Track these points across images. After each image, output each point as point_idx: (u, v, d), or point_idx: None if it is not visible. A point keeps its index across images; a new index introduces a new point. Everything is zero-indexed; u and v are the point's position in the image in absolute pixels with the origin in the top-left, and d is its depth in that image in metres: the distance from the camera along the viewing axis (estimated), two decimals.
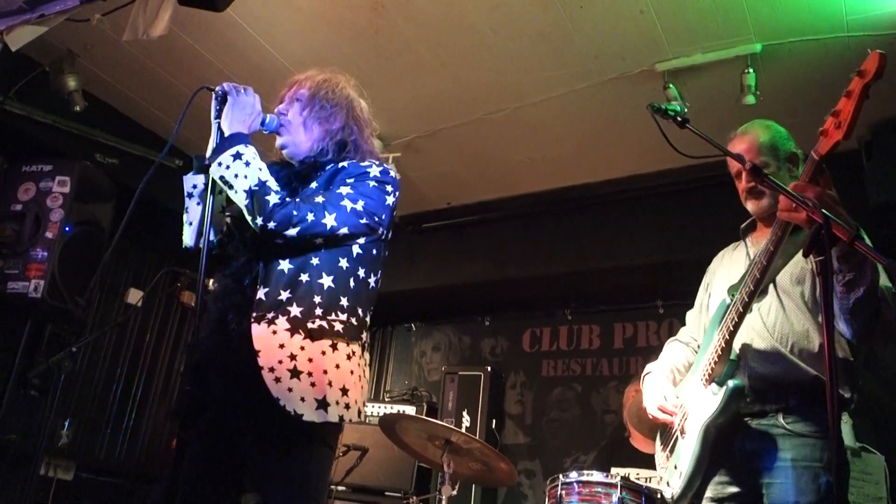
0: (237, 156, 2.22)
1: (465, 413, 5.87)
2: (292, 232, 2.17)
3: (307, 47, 4.44)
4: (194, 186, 2.40)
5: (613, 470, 3.99)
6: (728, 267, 2.74)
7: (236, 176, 2.20)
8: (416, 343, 7.14)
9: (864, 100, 1.94)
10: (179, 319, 6.07)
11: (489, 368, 6.07)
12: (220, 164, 2.22)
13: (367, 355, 2.35)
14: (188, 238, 2.39)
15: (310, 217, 2.19)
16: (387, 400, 6.62)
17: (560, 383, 6.22)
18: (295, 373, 2.09)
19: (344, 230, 2.25)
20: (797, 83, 4.31)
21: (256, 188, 2.19)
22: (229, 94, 2.35)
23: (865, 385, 4.47)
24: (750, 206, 2.62)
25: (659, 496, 3.13)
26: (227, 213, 2.46)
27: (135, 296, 5.57)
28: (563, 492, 3.32)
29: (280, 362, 2.09)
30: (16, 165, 4.30)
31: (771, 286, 2.47)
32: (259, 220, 2.17)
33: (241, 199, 2.20)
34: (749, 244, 2.69)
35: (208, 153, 2.32)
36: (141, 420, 5.71)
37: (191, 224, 2.39)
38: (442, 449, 3.75)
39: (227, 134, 2.29)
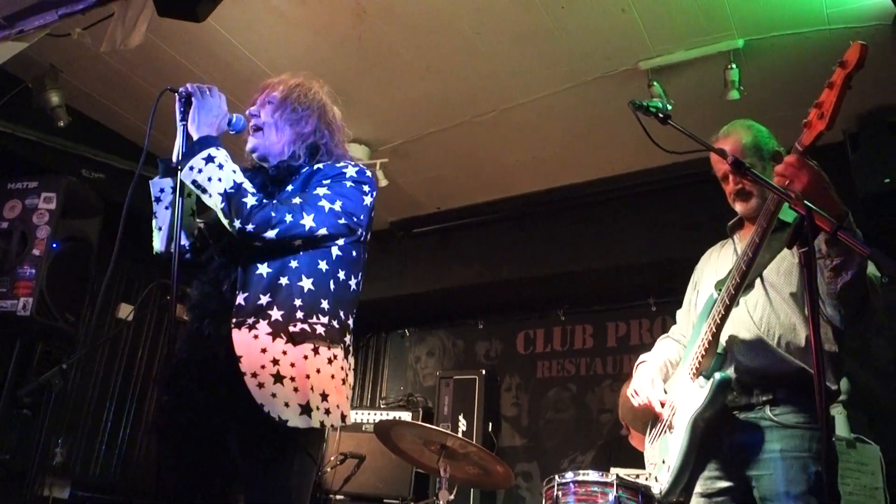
0: (209, 159, 2.19)
1: (461, 417, 5.85)
2: (271, 234, 2.14)
3: (291, 55, 4.44)
4: (161, 191, 2.36)
5: (612, 471, 3.98)
6: (716, 264, 2.74)
7: (210, 179, 2.16)
8: (410, 349, 7.12)
9: (847, 90, 1.95)
10: (172, 333, 6.03)
11: (484, 372, 6.06)
12: (191, 168, 2.18)
13: (350, 359, 2.31)
14: (158, 244, 2.35)
15: (288, 218, 2.16)
16: (382, 406, 6.61)
17: (555, 384, 6.22)
18: (278, 378, 2.06)
19: (323, 231, 2.22)
20: (780, 77, 4.32)
21: (232, 191, 2.15)
22: (193, 95, 2.33)
23: (859, 377, 4.49)
24: (738, 207, 2.61)
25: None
26: (198, 218, 2.43)
27: (125, 310, 5.54)
28: (560, 492, 3.32)
29: (263, 367, 2.05)
30: (0, 183, 4.28)
31: (758, 280, 2.48)
32: (237, 223, 2.13)
33: (216, 203, 2.16)
34: (737, 241, 2.69)
35: (174, 156, 2.29)
36: (136, 436, 5.68)
37: (160, 229, 2.34)
38: (438, 454, 3.75)
39: (195, 137, 2.26)
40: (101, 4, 3.60)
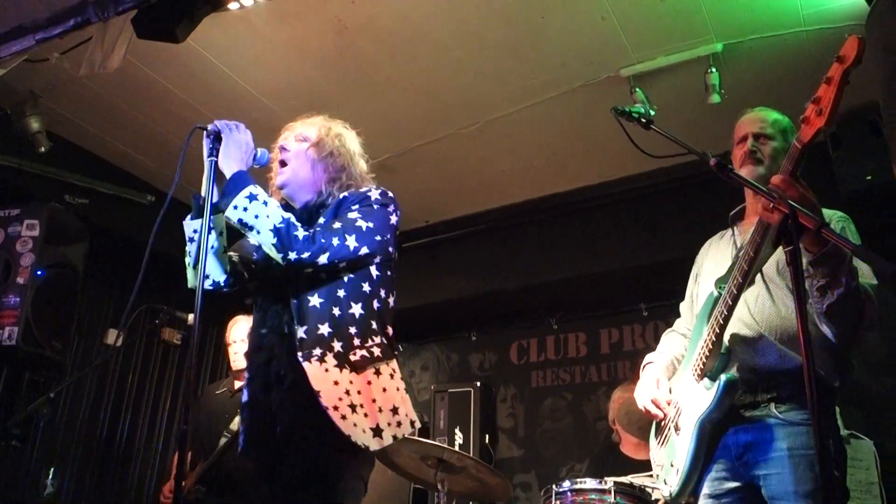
0: (252, 197, 2.25)
1: (457, 430, 5.82)
2: (323, 259, 2.25)
3: (272, 73, 4.43)
4: (195, 231, 2.39)
5: (607, 479, 3.97)
6: (715, 256, 2.73)
7: (257, 217, 2.23)
8: (404, 363, 7.08)
9: (845, 85, 1.95)
10: (161, 357, 5.98)
11: (478, 384, 6.04)
12: (235, 207, 2.24)
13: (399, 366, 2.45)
14: (193, 279, 2.38)
15: (335, 242, 2.27)
16: None
17: (550, 393, 6.20)
18: (353, 407, 2.17)
19: (365, 249, 2.33)
20: (760, 79, 4.35)
21: (283, 226, 2.23)
22: (222, 131, 2.38)
23: (852, 372, 4.49)
24: (746, 171, 2.57)
25: (653, 497, 3.10)
26: (231, 254, 2.51)
27: (113, 336, 5.49)
28: (558, 502, 3.30)
29: (340, 399, 2.16)
30: None
31: (759, 276, 2.46)
32: (291, 255, 2.22)
33: (267, 239, 2.23)
34: (737, 232, 2.68)
35: (203, 191, 2.32)
36: (128, 464, 5.61)
37: (194, 267, 2.37)
38: (436, 468, 3.73)
39: (227, 173, 2.31)
40: (79, 28, 3.58)
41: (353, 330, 2.28)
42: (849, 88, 1.94)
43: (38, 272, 4.07)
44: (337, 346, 2.23)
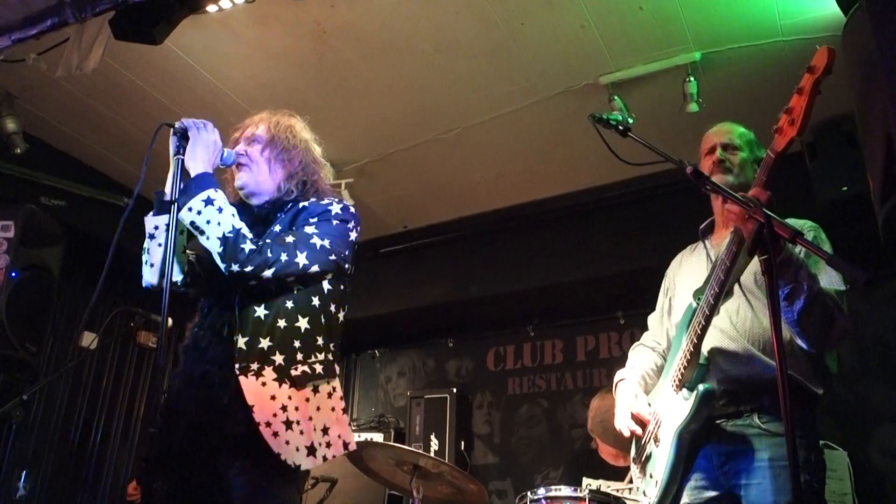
0: (208, 201, 2.21)
1: (432, 436, 5.82)
2: (268, 273, 2.19)
3: (251, 76, 4.42)
4: (156, 227, 2.36)
5: (584, 481, 3.97)
6: (688, 269, 2.75)
7: (209, 222, 2.18)
8: (380, 369, 7.07)
9: (816, 95, 1.98)
10: (137, 360, 5.94)
11: (455, 390, 6.03)
12: (190, 209, 2.19)
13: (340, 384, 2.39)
14: (150, 278, 2.36)
15: (283, 257, 2.21)
16: (353, 428, 6.54)
17: (526, 400, 6.21)
18: (288, 424, 2.12)
19: (315, 268, 2.28)
20: (738, 89, 4.39)
21: (231, 235, 2.18)
22: (189, 130, 2.34)
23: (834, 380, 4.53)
24: (716, 177, 2.60)
25: None
26: (189, 253, 2.45)
27: (88, 339, 5.44)
28: None
29: (274, 415, 2.10)
30: None
31: (736, 286, 2.48)
32: (235, 267, 2.17)
33: (213, 246, 2.18)
34: (709, 246, 2.70)
35: (167, 189, 2.29)
36: (102, 467, 5.56)
37: (152, 266, 2.35)
38: (411, 474, 3.72)
39: (191, 173, 2.27)
40: (56, 29, 3.55)
41: (297, 344, 2.24)
42: (824, 99, 1.97)
43: (13, 274, 4.04)
44: (278, 359, 2.19)
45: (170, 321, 4.17)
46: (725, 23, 3.93)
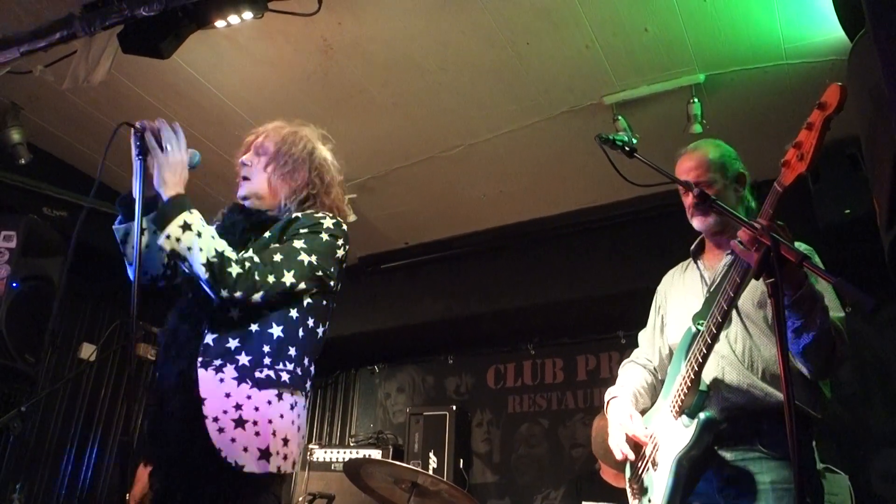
0: (185, 227, 2.12)
1: (431, 454, 5.79)
2: (257, 297, 2.14)
3: (257, 91, 4.43)
4: (126, 234, 2.34)
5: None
6: (682, 289, 2.75)
7: (189, 249, 2.10)
8: (380, 385, 7.06)
9: (826, 132, 1.94)
10: (135, 373, 5.92)
11: (454, 407, 6.01)
12: (168, 236, 2.11)
13: (307, 403, 2.33)
14: (131, 275, 2.32)
15: (271, 280, 2.16)
16: (352, 444, 6.52)
17: (527, 419, 6.19)
18: (240, 422, 2.06)
19: (301, 285, 2.24)
20: (741, 110, 4.41)
21: (215, 260, 2.10)
22: (153, 153, 2.27)
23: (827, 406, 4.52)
24: (696, 222, 2.62)
25: None
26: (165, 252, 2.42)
27: (88, 350, 5.43)
28: None
29: (225, 412, 2.06)
30: None
31: (734, 312, 2.47)
32: (224, 293, 2.11)
33: (199, 273, 2.11)
34: (701, 266, 2.70)
35: (136, 193, 2.23)
36: (97, 479, 5.53)
37: (131, 265, 2.31)
38: (409, 492, 3.70)
39: (163, 195, 2.19)
40: (65, 41, 3.58)
41: (266, 348, 2.18)
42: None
43: (14, 284, 4.03)
44: (243, 359, 2.14)
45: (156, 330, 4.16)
46: (730, 45, 3.95)
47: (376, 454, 5.67)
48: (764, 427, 2.34)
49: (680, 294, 2.74)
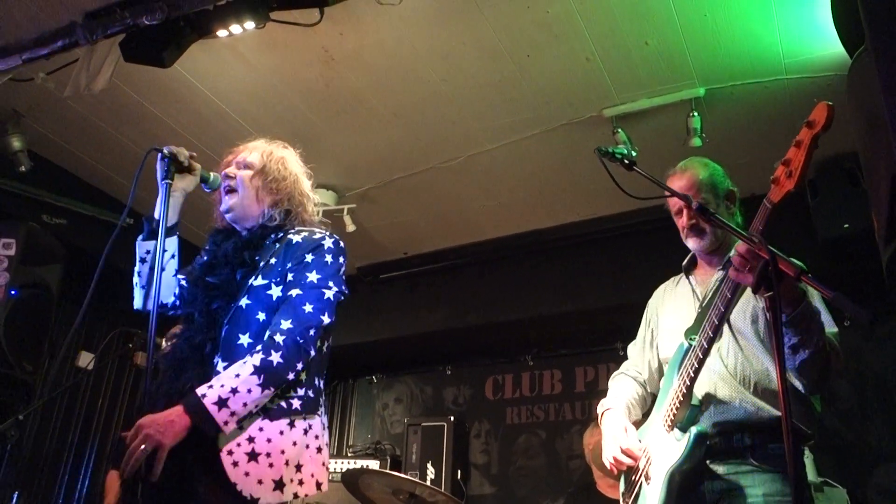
0: (222, 403, 2.04)
1: (429, 465, 5.78)
2: (313, 352, 2.20)
3: (258, 101, 4.44)
4: (147, 252, 2.37)
5: None
6: (673, 304, 2.75)
7: (245, 405, 2.06)
8: (378, 395, 7.05)
9: (814, 149, 1.94)
10: (133, 382, 5.91)
11: (452, 418, 6.00)
12: (226, 423, 2.04)
13: (325, 419, 2.33)
14: (139, 301, 2.37)
15: (311, 332, 2.19)
16: (349, 455, 6.51)
17: (525, 430, 6.18)
18: (253, 455, 2.07)
19: (326, 319, 2.27)
20: (740, 124, 4.43)
21: (263, 384, 2.07)
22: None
23: (825, 420, 4.52)
24: (691, 243, 2.64)
25: None
26: (180, 276, 2.45)
27: (86, 359, 5.42)
28: None
29: (238, 445, 2.06)
30: None
31: (726, 326, 2.47)
32: (291, 376, 2.14)
33: (266, 396, 2.10)
34: (693, 282, 2.70)
35: (156, 213, 2.30)
36: (94, 488, 5.51)
37: (143, 288, 2.35)
38: (406, 503, 3.69)
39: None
40: (67, 49, 3.59)
41: None
42: (827, 138, 1.97)
43: (13, 292, 4.03)
44: None
45: (163, 343, 4.17)
46: (730, 59, 3.96)
47: (374, 465, 5.66)
48: (756, 441, 2.35)
49: (672, 309, 2.75)
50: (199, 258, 2.50)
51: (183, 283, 2.44)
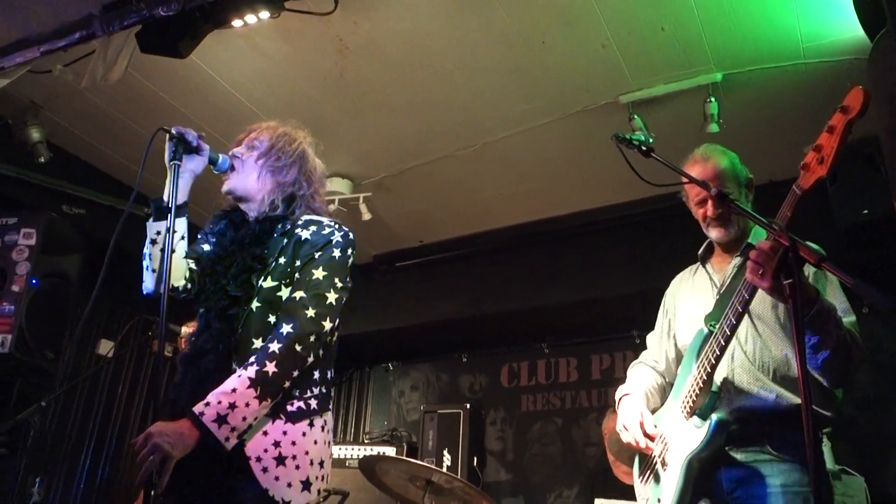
0: (222, 421, 2.03)
1: (445, 452, 5.81)
2: (312, 358, 2.19)
3: (273, 91, 4.45)
4: (158, 233, 2.33)
5: (597, 502, 3.94)
6: (691, 292, 2.74)
7: (244, 419, 2.05)
8: (394, 383, 7.08)
9: (848, 136, 1.89)
10: (152, 369, 5.96)
11: (468, 406, 6.02)
12: (228, 439, 2.03)
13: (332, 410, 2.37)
14: (150, 284, 2.32)
15: (312, 339, 2.17)
16: (366, 441, 6.55)
17: (540, 417, 6.19)
18: (280, 460, 2.10)
19: (336, 322, 2.29)
20: (758, 110, 4.38)
21: (269, 398, 2.09)
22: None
23: (843, 408, 4.50)
24: (714, 233, 2.61)
25: None
26: (190, 259, 2.42)
27: (106, 346, 5.48)
28: None
29: (266, 451, 2.09)
30: None
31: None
32: (296, 373, 2.15)
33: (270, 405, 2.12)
34: (710, 270, 2.69)
35: (165, 196, 2.29)
36: (115, 474, 5.58)
37: (153, 271, 2.31)
38: (423, 490, 3.72)
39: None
40: (84, 41, 3.61)
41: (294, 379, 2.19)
42: None
43: (34, 281, 4.08)
44: None
45: (183, 329, 4.19)
46: (748, 44, 3.92)
47: (391, 451, 5.69)
48: (774, 430, 2.33)
49: (689, 297, 2.73)
50: (204, 239, 2.49)
51: (193, 266, 2.41)
